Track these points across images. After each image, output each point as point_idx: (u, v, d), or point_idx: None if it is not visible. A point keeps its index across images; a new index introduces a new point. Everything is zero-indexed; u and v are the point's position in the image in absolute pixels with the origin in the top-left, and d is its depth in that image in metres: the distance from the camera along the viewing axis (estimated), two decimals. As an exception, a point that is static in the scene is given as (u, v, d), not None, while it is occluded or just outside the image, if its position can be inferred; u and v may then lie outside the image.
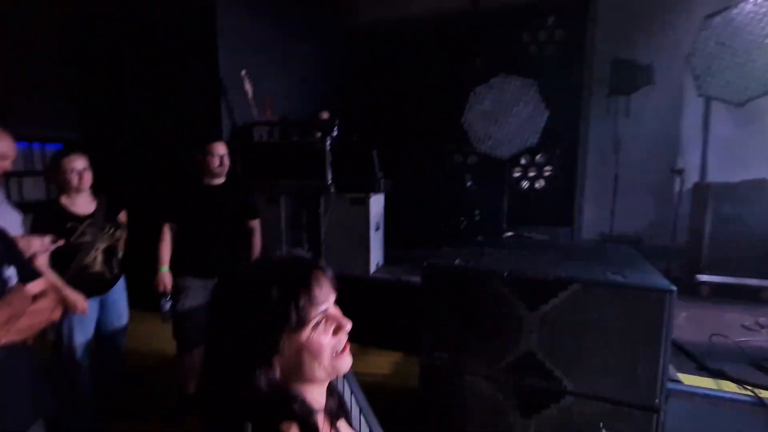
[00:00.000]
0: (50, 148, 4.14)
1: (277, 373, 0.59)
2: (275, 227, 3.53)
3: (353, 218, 3.39)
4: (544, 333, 1.67)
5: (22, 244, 1.70)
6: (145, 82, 4.00)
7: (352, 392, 1.36)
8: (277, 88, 4.26)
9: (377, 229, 3.55)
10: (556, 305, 1.64)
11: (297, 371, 0.60)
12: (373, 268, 3.49)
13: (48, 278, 1.98)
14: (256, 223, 2.61)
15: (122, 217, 2.36)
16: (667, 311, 1.50)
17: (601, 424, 1.61)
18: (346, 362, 0.64)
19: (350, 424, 0.75)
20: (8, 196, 1.93)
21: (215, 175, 2.39)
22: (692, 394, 1.66)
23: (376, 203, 3.50)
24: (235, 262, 2.43)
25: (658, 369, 1.52)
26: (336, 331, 0.63)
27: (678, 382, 1.74)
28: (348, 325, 0.64)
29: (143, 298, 2.65)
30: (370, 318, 3.29)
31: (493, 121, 3.89)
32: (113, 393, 2.43)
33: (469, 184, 4.67)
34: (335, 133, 3.40)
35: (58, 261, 2.02)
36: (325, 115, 3.77)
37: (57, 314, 1.20)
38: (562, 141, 4.61)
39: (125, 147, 4.16)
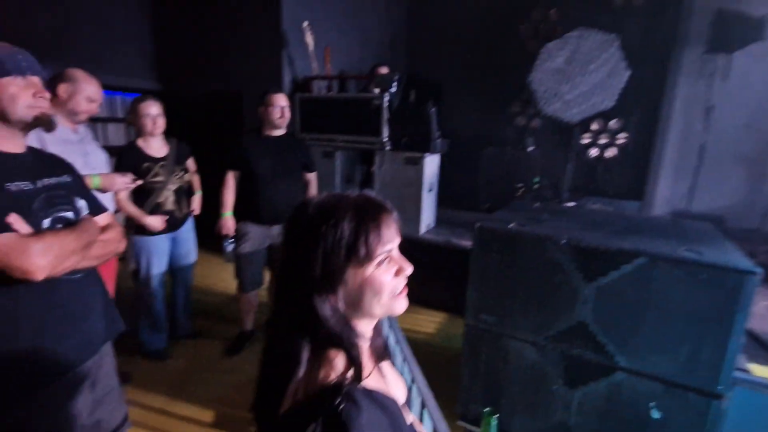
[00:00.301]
0: (130, 97, 4.46)
1: (340, 302, 0.62)
2: (329, 182, 3.60)
3: (407, 178, 3.36)
4: (600, 305, 1.60)
5: (106, 181, 1.89)
6: (213, 34, 4.11)
7: (397, 340, 1.40)
8: (338, 42, 4.19)
9: (430, 190, 3.51)
10: (617, 278, 1.55)
11: (356, 304, 0.63)
12: (423, 229, 3.49)
13: (128, 209, 2.22)
14: (312, 176, 2.68)
15: (190, 163, 2.53)
16: (746, 295, 1.36)
17: (653, 404, 1.54)
18: (402, 304, 0.66)
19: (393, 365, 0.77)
20: (95, 138, 2.11)
21: (276, 126, 2.45)
22: (762, 386, 1.53)
23: (431, 164, 3.43)
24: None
25: (725, 355, 1.41)
26: (397, 273, 0.65)
27: (747, 371, 1.61)
28: (409, 269, 0.66)
29: (210, 240, 2.88)
30: (417, 278, 3.31)
31: (565, 81, 3.58)
32: (183, 320, 2.72)
33: (530, 149, 4.41)
34: (393, 90, 3.33)
35: (136, 198, 2.26)
36: (384, 70, 3.68)
37: (122, 246, 1.27)
38: (642, 105, 4.17)
39: (195, 96, 4.37)
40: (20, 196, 1.01)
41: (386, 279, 0.63)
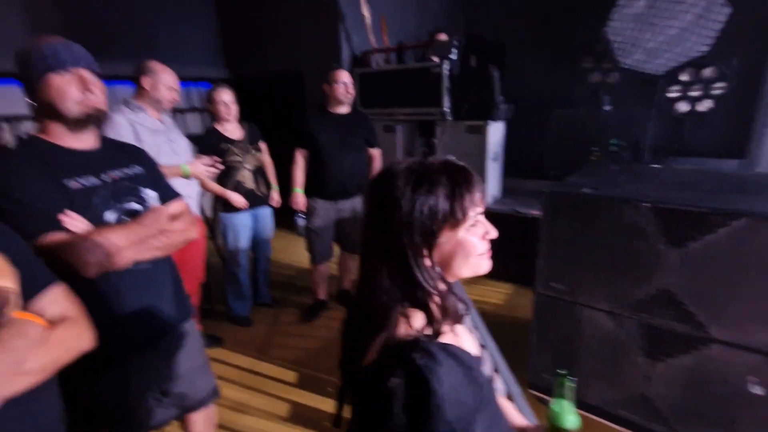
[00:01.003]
0: (204, 87, 4.80)
1: (434, 263, 0.65)
2: (390, 156, 3.62)
3: (470, 147, 3.27)
4: (689, 272, 1.47)
5: (193, 168, 2.07)
6: (272, 17, 4.24)
7: (467, 308, 1.40)
8: (394, 12, 4.11)
9: (495, 159, 3.39)
10: (711, 242, 1.40)
11: (447, 265, 0.66)
12: (489, 200, 3.40)
13: (214, 188, 2.43)
14: (376, 152, 2.72)
15: (262, 145, 2.68)
16: None
17: (752, 378, 1.41)
18: (487, 264, 0.70)
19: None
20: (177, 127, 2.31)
21: (340, 102, 2.50)
22: None
23: (495, 131, 3.30)
24: (357, 189, 2.62)
25: None
26: (483, 236, 0.68)
27: None
28: (494, 232, 0.68)
29: (283, 217, 3.07)
30: (483, 248, 3.28)
31: (647, 27, 3.20)
32: (263, 290, 2.97)
33: (606, 108, 4.04)
34: (453, 56, 3.21)
35: (218, 178, 2.46)
36: (442, 36, 3.55)
37: (192, 234, 1.24)
38: (744, 48, 3.60)
39: (260, 80, 4.57)
40: (81, 193, 1.02)
41: (476, 241, 0.66)
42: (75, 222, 0.98)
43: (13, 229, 0.89)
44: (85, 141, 1.09)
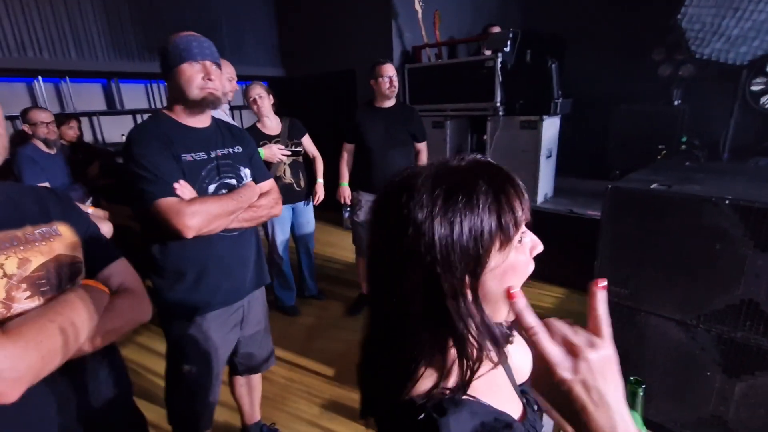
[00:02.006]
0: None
1: (478, 296, 0.49)
2: (439, 152, 3.55)
3: (522, 143, 3.14)
4: (779, 280, 1.29)
5: (268, 152, 2.21)
6: (327, 17, 4.31)
7: None
8: (448, 6, 4.04)
9: (549, 156, 3.22)
10: (808, 247, 1.23)
11: (494, 300, 0.50)
12: (540, 199, 3.24)
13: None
14: (422, 146, 2.68)
15: (306, 141, 2.72)
16: None
17: None
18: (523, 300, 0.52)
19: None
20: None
21: (386, 97, 2.49)
22: None
23: (550, 127, 3.13)
24: None
25: None
26: (531, 251, 0.53)
27: None
28: (540, 246, 0.53)
29: (331, 211, 3.11)
30: (535, 250, 3.13)
31: (729, 12, 2.89)
32: (309, 282, 3.03)
33: (677, 102, 3.72)
34: (507, 49, 3.09)
35: None
36: (496, 30, 3.43)
37: (276, 211, 1.41)
38: None
39: (314, 79, 4.68)
40: (193, 165, 1.21)
41: (525, 260, 0.51)
42: (185, 190, 1.16)
43: (137, 192, 1.14)
44: (201, 121, 1.26)
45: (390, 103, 2.54)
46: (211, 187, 1.24)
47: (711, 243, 1.42)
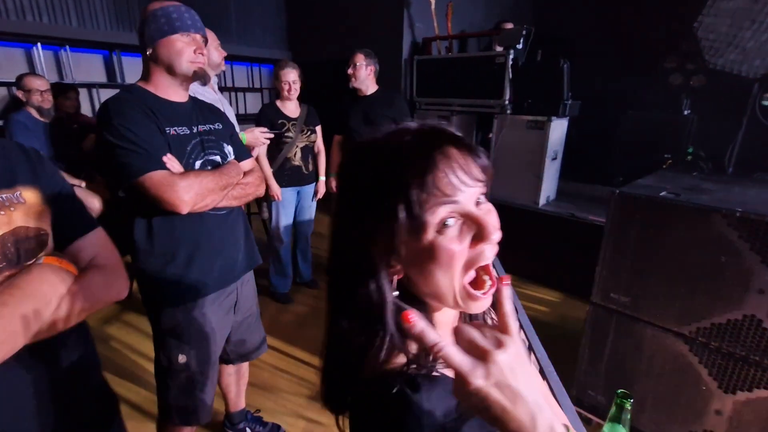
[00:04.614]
0: (266, 68, 4.90)
1: (385, 280, 0.45)
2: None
3: (528, 144, 3.09)
4: (785, 298, 1.26)
5: (250, 137, 2.10)
6: (339, 1, 4.22)
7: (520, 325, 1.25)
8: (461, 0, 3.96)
9: (554, 158, 3.18)
10: (818, 265, 1.19)
11: (417, 284, 0.46)
12: (542, 201, 3.20)
13: (263, 169, 2.46)
14: None
15: (317, 129, 2.68)
16: None
17: None
18: (481, 302, 0.45)
19: None
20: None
21: (361, 85, 2.49)
22: None
23: (558, 128, 3.08)
24: None
25: None
26: (477, 240, 0.43)
27: None
28: (495, 234, 0.43)
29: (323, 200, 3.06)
30: (533, 253, 3.10)
31: (746, 24, 2.84)
32: (303, 269, 2.99)
33: (686, 112, 3.68)
34: (520, 46, 3.03)
35: (269, 153, 2.50)
36: (509, 26, 3.37)
37: (261, 190, 1.36)
38: None
39: (322, 64, 4.59)
40: (178, 140, 1.14)
41: (456, 248, 0.42)
42: (174, 164, 1.10)
43: (121, 165, 1.03)
44: (182, 96, 1.21)
45: (370, 90, 2.53)
46: (197, 164, 1.19)
47: (716, 255, 1.38)
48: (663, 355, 1.56)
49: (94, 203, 2.24)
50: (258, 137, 2.18)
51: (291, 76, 2.44)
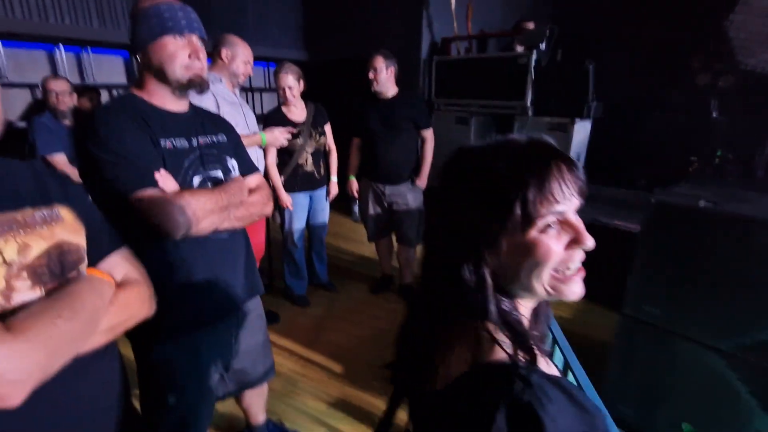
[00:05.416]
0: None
1: (488, 270, 0.50)
2: (462, 150, 3.46)
3: (550, 146, 3.02)
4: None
5: (270, 137, 2.08)
6: (357, 1, 4.18)
7: (553, 336, 1.22)
8: (480, -1, 3.90)
9: (577, 161, 3.10)
10: None
11: (512, 276, 0.51)
12: (564, 205, 3.13)
13: (273, 177, 2.43)
14: (427, 134, 2.60)
15: (327, 128, 2.63)
16: None
17: None
18: (576, 288, 0.52)
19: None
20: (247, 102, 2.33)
21: (382, 88, 2.45)
22: None
23: (581, 131, 3.01)
24: (406, 171, 2.59)
25: None
26: (571, 244, 0.50)
27: None
28: (588, 242, 0.50)
29: (340, 203, 3.06)
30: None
31: (783, 22, 2.73)
32: (319, 271, 2.97)
33: (714, 114, 3.57)
34: (543, 47, 2.96)
35: (280, 158, 2.48)
36: (530, 25, 3.30)
37: (268, 210, 1.23)
38: None
39: (338, 63, 4.56)
40: (174, 153, 1.02)
41: (553, 247, 0.49)
42: (167, 181, 0.98)
43: (109, 182, 0.93)
44: (180, 105, 1.09)
45: (391, 92, 2.49)
46: (196, 180, 1.05)
47: (759, 267, 1.32)
48: (701, 371, 1.49)
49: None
50: (277, 137, 2.18)
51: (287, 81, 2.36)
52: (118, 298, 0.71)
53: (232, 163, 1.17)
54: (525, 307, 0.56)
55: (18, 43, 3.13)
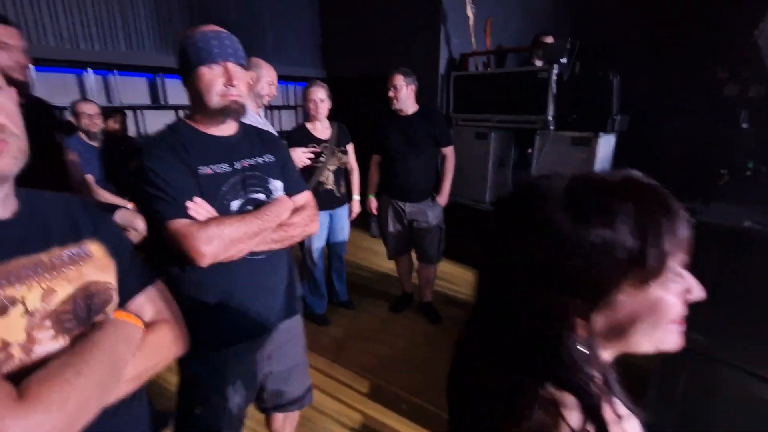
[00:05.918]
0: (301, 86, 4.96)
1: (596, 332, 0.44)
2: (481, 164, 3.42)
3: (573, 161, 2.96)
4: None
5: (294, 154, 2.08)
6: (374, 18, 4.23)
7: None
8: (499, 14, 3.90)
9: (601, 175, 3.03)
10: None
11: (618, 335, 0.45)
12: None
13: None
14: (448, 151, 2.57)
15: (350, 147, 2.65)
16: None
17: None
18: (677, 338, 0.46)
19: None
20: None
21: (402, 105, 2.43)
22: None
23: (605, 145, 2.95)
24: (426, 188, 2.56)
25: None
26: (683, 295, 0.46)
27: None
28: (702, 293, 0.47)
29: (359, 220, 3.05)
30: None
31: (816, 31, 2.65)
32: (339, 289, 2.95)
33: (744, 125, 3.45)
34: (564, 60, 2.93)
35: (301, 175, 2.47)
36: (549, 39, 3.27)
37: (312, 229, 1.23)
38: None
39: (356, 81, 4.59)
40: (212, 179, 1.04)
41: (677, 302, 0.45)
42: (200, 209, 1.01)
43: (148, 210, 0.99)
44: (224, 129, 1.12)
45: (411, 109, 2.48)
46: (235, 204, 1.08)
47: (813, 293, 1.24)
48: (747, 402, 1.40)
49: (139, 224, 2.27)
50: (300, 157, 2.19)
51: (319, 94, 2.40)
52: (146, 342, 0.68)
53: (275, 184, 1.18)
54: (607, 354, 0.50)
55: (50, 68, 3.25)
